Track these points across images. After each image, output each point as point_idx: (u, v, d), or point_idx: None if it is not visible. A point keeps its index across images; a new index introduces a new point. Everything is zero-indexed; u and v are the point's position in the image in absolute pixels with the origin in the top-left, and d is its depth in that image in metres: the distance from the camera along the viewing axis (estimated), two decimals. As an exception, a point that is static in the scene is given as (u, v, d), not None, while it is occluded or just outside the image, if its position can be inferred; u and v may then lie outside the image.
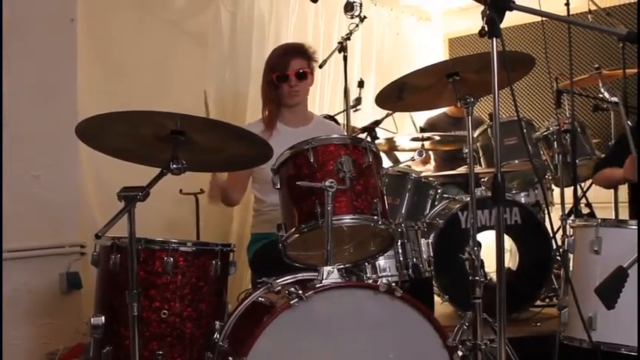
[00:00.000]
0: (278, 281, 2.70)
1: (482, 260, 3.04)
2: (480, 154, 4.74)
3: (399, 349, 2.54)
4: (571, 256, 3.17)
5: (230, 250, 2.78)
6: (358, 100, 4.60)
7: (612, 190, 4.73)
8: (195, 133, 2.45)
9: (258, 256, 3.49)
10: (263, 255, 3.44)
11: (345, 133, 4.03)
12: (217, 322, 2.70)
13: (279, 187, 2.71)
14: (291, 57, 3.52)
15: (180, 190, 4.18)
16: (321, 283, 2.49)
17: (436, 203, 4.27)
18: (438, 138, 4.33)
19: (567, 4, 4.23)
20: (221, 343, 2.61)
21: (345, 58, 4.44)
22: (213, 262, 2.70)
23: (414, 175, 4.26)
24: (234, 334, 2.63)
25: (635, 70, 5.02)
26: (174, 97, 4.40)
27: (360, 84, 4.73)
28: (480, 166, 4.67)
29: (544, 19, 4.80)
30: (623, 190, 4.31)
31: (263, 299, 2.70)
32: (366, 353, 2.51)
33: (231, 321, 2.70)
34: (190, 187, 4.15)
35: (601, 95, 5.04)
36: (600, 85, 5.08)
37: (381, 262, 3.14)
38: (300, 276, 2.74)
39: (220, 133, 2.57)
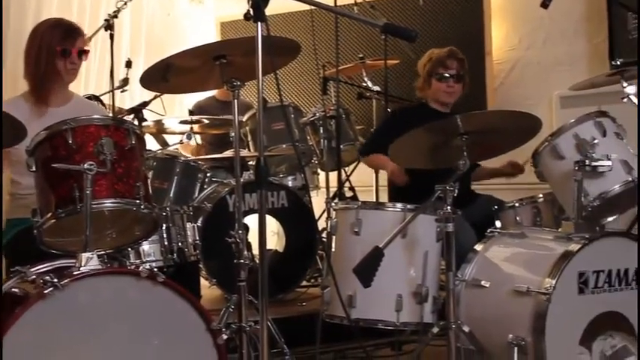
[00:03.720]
0: (32, 270, 2.54)
1: (249, 243, 3.06)
2: (249, 139, 4.78)
3: (163, 335, 2.49)
4: (334, 237, 3.27)
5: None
6: (125, 81, 4.47)
7: (374, 175, 4.99)
8: None
9: (13, 243, 3.27)
10: (19, 242, 3.23)
11: (110, 114, 3.89)
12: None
13: (34, 169, 2.55)
14: (78, 34, 3.38)
15: None
16: (79, 270, 2.38)
17: (205, 187, 4.26)
18: (206, 121, 4.31)
19: (335, -5, 4.37)
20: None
21: (111, 37, 4.27)
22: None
23: (182, 158, 4.21)
24: (-15, 329, 2.45)
25: (396, 61, 5.32)
26: None
27: (128, 64, 4.60)
28: (249, 150, 4.71)
29: (313, 8, 4.92)
30: (383, 175, 4.54)
31: (16, 290, 2.52)
32: (129, 341, 2.43)
33: (-19, 314, 2.50)
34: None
35: (365, 84, 5.28)
36: (364, 74, 5.32)
37: (146, 247, 3.06)
38: (58, 264, 2.60)
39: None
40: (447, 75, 3.93)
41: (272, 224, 4.33)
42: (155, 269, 2.53)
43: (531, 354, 2.77)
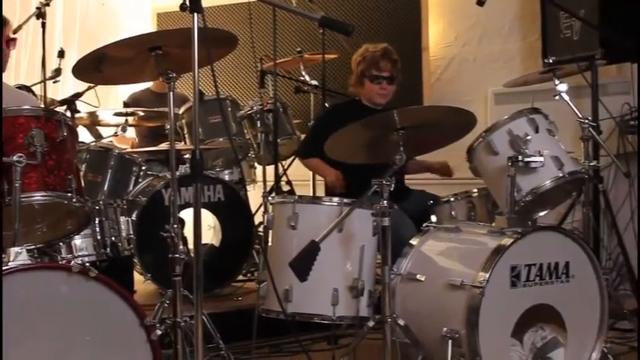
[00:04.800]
0: (-44, 265, 2.47)
1: (185, 237, 3.03)
2: (185, 131, 4.72)
3: (96, 331, 2.45)
4: (271, 231, 3.26)
5: None
6: (58, 71, 4.36)
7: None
8: None
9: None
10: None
11: (41, 105, 3.80)
12: None
13: (-41, 161, 2.47)
14: (4, 24, 3.28)
15: None
16: (7, 265, 2.32)
17: (140, 180, 4.19)
18: (141, 114, 4.24)
19: (273, -12, 4.34)
20: None
21: (43, 25, 4.17)
22: None
23: (116, 151, 4.14)
24: None
25: (334, 56, 5.32)
26: None
27: (61, 54, 4.49)
28: (185, 143, 4.66)
29: (251, 0, 4.89)
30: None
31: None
32: (61, 338, 2.39)
33: None
34: None
35: (302, 78, 5.28)
36: (302, 68, 5.31)
37: (78, 241, 3.01)
38: (-14, 258, 2.53)
39: None
40: (380, 77, 3.94)
41: (208, 218, 4.29)
42: (87, 264, 2.48)
43: (465, 346, 2.81)
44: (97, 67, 2.82)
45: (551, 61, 4.26)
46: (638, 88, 4.46)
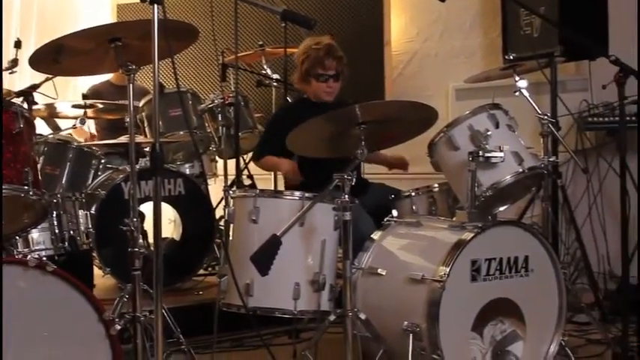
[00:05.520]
0: None
1: (145, 231, 2.99)
2: (145, 124, 4.67)
3: (54, 326, 2.42)
4: (232, 225, 3.24)
5: None
6: (14, 62, 4.28)
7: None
8: None
9: None
10: None
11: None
12: None
13: None
14: None
15: None
16: (-39, 259, 2.27)
17: (99, 173, 4.15)
18: (101, 106, 4.18)
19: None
20: None
21: (-1, 15, 4.07)
22: None
23: (75, 143, 4.08)
24: None
25: (296, 50, 5.30)
26: None
27: (17, 44, 4.41)
28: (145, 136, 4.61)
29: (212, -8, 4.86)
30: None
31: None
32: (17, 333, 2.35)
33: None
34: None
35: (264, 72, 5.26)
36: (264, 61, 5.29)
37: (35, 235, 2.97)
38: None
39: None
40: (326, 75, 3.92)
41: (168, 212, 4.26)
42: (44, 258, 2.44)
43: (426, 340, 2.82)
44: (55, 58, 2.77)
45: (511, 57, 4.31)
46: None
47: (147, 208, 3.83)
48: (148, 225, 2.78)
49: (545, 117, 3.49)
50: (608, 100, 4.54)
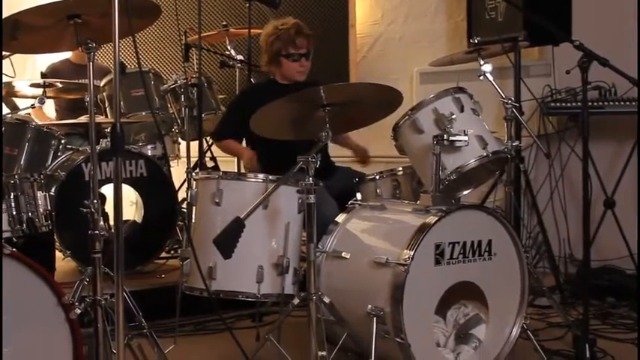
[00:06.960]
0: None
1: (106, 213, 2.94)
2: (106, 105, 4.60)
3: (12, 310, 2.35)
4: (195, 208, 3.20)
5: None
6: (-31, 39, 4.16)
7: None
8: None
9: None
10: None
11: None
12: None
13: None
14: None
15: None
16: None
17: (59, 154, 4.06)
18: (60, 85, 4.09)
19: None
20: None
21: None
22: None
23: (34, 123, 3.99)
24: None
25: (260, 31, 5.25)
26: None
27: (-28, 20, 4.29)
28: (106, 116, 4.54)
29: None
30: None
31: None
32: (-27, 317, 2.29)
33: None
34: None
35: (228, 52, 5.20)
36: (227, 42, 5.23)
37: (-9, 217, 2.88)
38: None
39: None
40: (297, 54, 3.90)
41: (130, 194, 4.21)
42: (2, 241, 2.37)
43: (390, 323, 2.82)
44: (12, 34, 2.68)
45: (476, 41, 4.30)
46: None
47: (107, 189, 3.77)
48: (109, 207, 2.73)
49: (509, 101, 3.49)
50: (570, 85, 4.57)
